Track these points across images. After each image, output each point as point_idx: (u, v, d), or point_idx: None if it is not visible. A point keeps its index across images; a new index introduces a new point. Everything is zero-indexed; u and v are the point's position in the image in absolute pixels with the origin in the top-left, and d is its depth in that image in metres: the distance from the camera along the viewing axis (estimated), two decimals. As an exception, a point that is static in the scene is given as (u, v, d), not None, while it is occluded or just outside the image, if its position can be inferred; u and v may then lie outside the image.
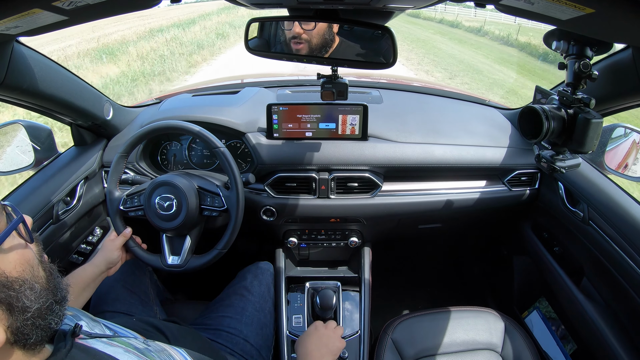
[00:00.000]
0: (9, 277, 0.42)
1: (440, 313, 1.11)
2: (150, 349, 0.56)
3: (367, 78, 1.63)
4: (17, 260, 0.44)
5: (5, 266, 0.42)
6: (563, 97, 0.76)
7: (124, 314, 0.95)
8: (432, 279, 1.86)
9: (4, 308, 0.41)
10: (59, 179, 1.07)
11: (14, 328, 0.41)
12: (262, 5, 0.89)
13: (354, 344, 1.13)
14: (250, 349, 0.98)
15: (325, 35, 0.90)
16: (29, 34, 0.68)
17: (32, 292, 0.44)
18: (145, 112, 1.33)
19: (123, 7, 0.69)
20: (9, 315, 0.41)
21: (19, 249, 0.44)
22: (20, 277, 0.43)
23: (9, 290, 0.41)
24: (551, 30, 0.76)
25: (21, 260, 0.44)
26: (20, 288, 0.42)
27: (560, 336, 1.21)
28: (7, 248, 0.43)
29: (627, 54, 0.79)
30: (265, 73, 1.81)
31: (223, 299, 1.08)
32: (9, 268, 0.42)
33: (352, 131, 1.12)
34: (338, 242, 1.30)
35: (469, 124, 1.27)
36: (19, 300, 0.42)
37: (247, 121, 1.17)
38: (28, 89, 0.84)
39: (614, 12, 0.50)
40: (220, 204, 1.00)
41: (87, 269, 0.92)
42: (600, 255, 1.01)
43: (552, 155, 0.80)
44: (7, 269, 0.42)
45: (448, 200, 1.20)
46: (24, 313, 0.42)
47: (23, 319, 0.42)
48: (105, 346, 0.51)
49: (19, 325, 0.42)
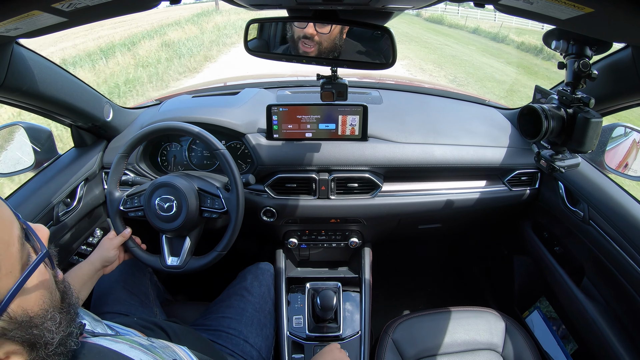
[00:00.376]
0: (31, 315, 0.39)
1: (441, 313, 1.11)
2: (154, 345, 0.56)
3: (367, 78, 1.63)
4: (40, 294, 0.41)
5: (27, 304, 0.39)
6: (562, 96, 0.76)
7: (124, 315, 0.95)
8: (432, 279, 1.85)
9: (26, 346, 0.38)
10: (59, 180, 1.07)
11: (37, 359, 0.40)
12: (261, 7, 0.89)
13: (354, 344, 1.13)
14: (250, 350, 0.98)
15: (336, 40, 0.90)
16: (29, 35, 0.68)
17: (54, 323, 0.41)
18: (145, 113, 1.33)
19: (122, 8, 0.69)
20: (30, 351, 0.39)
21: (41, 282, 0.41)
22: (42, 310, 0.40)
23: (32, 328, 0.38)
24: (550, 29, 0.76)
25: (43, 292, 0.41)
26: (43, 323, 0.40)
27: (561, 336, 1.21)
28: (31, 286, 0.39)
29: (627, 53, 0.80)
30: (265, 74, 1.82)
31: (223, 299, 1.08)
32: (31, 305, 0.39)
33: (352, 132, 1.12)
34: (338, 242, 1.30)
35: (469, 124, 1.27)
36: (42, 337, 0.39)
37: (247, 122, 1.17)
38: (28, 91, 0.85)
39: (613, 11, 0.50)
40: (220, 206, 1.00)
41: (84, 267, 0.92)
42: (601, 254, 1.01)
43: (551, 155, 0.80)
44: (30, 306, 0.39)
45: (448, 200, 1.20)
46: (46, 347, 0.40)
47: (45, 353, 0.40)
48: (111, 343, 0.50)
49: (42, 357, 0.40)
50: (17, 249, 0.39)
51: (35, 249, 0.42)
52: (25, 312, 0.38)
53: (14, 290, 0.37)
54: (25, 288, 0.38)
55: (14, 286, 0.37)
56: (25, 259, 0.40)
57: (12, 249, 0.38)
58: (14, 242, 0.38)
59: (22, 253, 0.39)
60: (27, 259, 0.40)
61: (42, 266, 0.42)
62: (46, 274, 0.43)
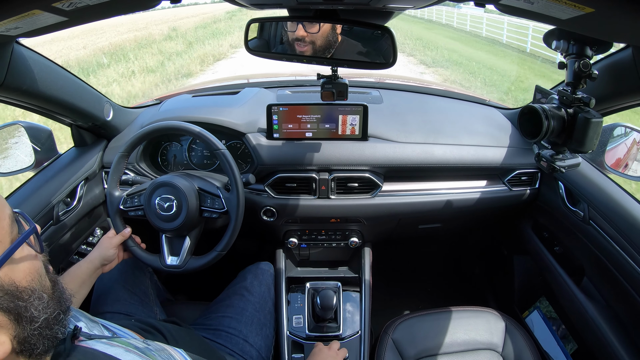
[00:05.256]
0: (18, 287, 0.41)
1: (441, 313, 1.11)
2: (150, 348, 0.56)
3: (367, 78, 1.63)
4: (27, 269, 0.43)
5: (15, 276, 0.41)
6: (563, 96, 0.76)
7: (123, 315, 0.95)
8: (432, 279, 1.85)
9: (12, 318, 0.40)
10: (59, 180, 1.07)
11: (20, 338, 0.41)
12: (262, 6, 0.89)
13: (354, 344, 1.13)
14: (250, 349, 0.98)
15: (329, 37, 0.90)
16: (29, 35, 0.68)
17: (40, 302, 0.43)
18: (146, 112, 1.33)
19: (123, 8, 0.69)
20: (16, 325, 0.41)
21: (29, 259, 0.44)
22: (29, 287, 0.42)
23: (18, 300, 0.41)
24: (551, 29, 0.76)
25: (31, 269, 0.44)
26: (30, 298, 0.42)
27: (561, 336, 1.21)
28: (18, 258, 0.42)
29: (627, 53, 0.79)
30: (265, 73, 1.82)
31: (223, 299, 1.08)
32: (19, 277, 0.41)
33: (352, 131, 1.12)
34: (338, 242, 1.30)
35: (469, 124, 1.27)
36: (27, 310, 0.41)
37: (247, 122, 1.17)
38: (28, 90, 0.84)
39: (613, 11, 0.50)
40: (220, 206, 1.00)
41: (82, 265, 0.92)
42: (601, 254, 1.01)
43: (552, 155, 0.80)
44: (17, 278, 0.41)
45: (448, 200, 1.20)
46: (31, 323, 0.42)
47: (30, 329, 0.42)
48: (106, 347, 0.50)
49: (26, 335, 0.41)
50: (8, 224, 0.42)
51: (24, 229, 0.46)
52: (12, 282, 0.41)
53: (3, 257, 0.40)
54: (13, 259, 0.41)
55: (3, 254, 0.40)
56: (15, 234, 0.43)
57: (3, 222, 0.42)
58: (4, 217, 0.42)
59: (12, 228, 0.43)
60: (16, 235, 0.43)
61: (31, 249, 0.45)
62: (35, 255, 0.46)
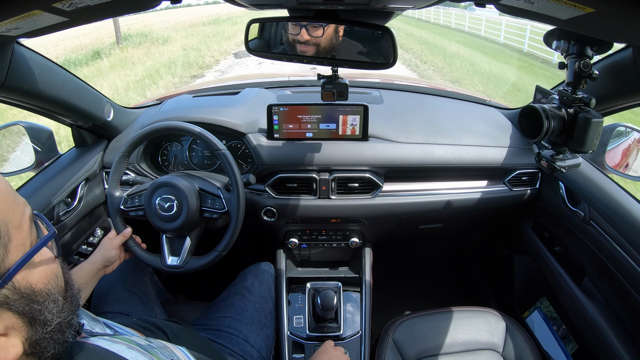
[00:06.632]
0: (35, 290, 0.41)
1: (441, 313, 1.11)
2: (152, 345, 0.56)
3: (368, 78, 1.63)
4: (45, 272, 0.43)
5: (32, 278, 0.41)
6: (563, 96, 0.76)
7: (124, 315, 0.95)
8: (433, 279, 1.85)
9: (25, 321, 0.40)
10: (60, 180, 1.07)
11: (32, 340, 0.40)
12: (262, 6, 0.89)
13: (355, 344, 1.13)
14: (250, 349, 0.98)
15: (333, 40, 0.90)
16: (30, 35, 0.68)
17: (55, 305, 0.43)
18: (146, 113, 1.33)
19: (123, 8, 0.69)
20: (29, 327, 0.40)
21: (47, 263, 0.44)
22: (45, 290, 0.42)
23: (34, 303, 0.40)
24: (551, 29, 0.76)
25: (48, 272, 0.43)
26: (45, 301, 0.41)
27: (562, 336, 1.21)
28: (37, 262, 0.42)
29: (628, 53, 0.79)
30: (266, 73, 1.82)
31: (224, 299, 1.08)
32: (36, 280, 0.41)
33: (353, 131, 1.12)
34: (339, 242, 1.30)
35: (470, 124, 1.27)
36: (42, 314, 0.41)
37: (247, 122, 1.17)
38: (28, 91, 0.85)
39: (614, 11, 0.50)
40: (220, 206, 1.00)
41: (85, 267, 0.92)
42: (601, 254, 1.01)
43: (552, 155, 0.80)
44: (34, 281, 0.41)
45: (449, 200, 1.20)
46: (44, 326, 0.41)
47: (43, 332, 0.41)
48: (109, 343, 0.50)
49: (38, 338, 0.41)
50: (28, 226, 0.42)
51: (43, 232, 0.46)
52: (29, 285, 0.40)
53: (22, 261, 0.39)
54: (31, 262, 0.41)
55: (22, 257, 0.40)
56: (35, 237, 0.43)
57: (24, 225, 0.41)
58: (25, 220, 0.42)
59: (32, 231, 0.43)
60: (36, 238, 0.43)
61: (49, 252, 0.45)
62: (53, 258, 0.45)
